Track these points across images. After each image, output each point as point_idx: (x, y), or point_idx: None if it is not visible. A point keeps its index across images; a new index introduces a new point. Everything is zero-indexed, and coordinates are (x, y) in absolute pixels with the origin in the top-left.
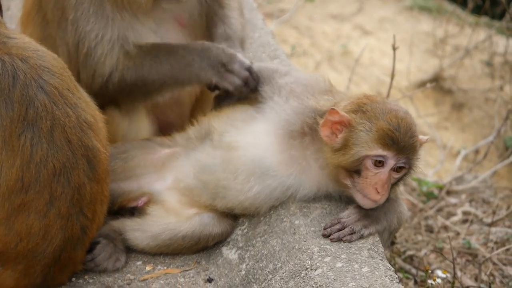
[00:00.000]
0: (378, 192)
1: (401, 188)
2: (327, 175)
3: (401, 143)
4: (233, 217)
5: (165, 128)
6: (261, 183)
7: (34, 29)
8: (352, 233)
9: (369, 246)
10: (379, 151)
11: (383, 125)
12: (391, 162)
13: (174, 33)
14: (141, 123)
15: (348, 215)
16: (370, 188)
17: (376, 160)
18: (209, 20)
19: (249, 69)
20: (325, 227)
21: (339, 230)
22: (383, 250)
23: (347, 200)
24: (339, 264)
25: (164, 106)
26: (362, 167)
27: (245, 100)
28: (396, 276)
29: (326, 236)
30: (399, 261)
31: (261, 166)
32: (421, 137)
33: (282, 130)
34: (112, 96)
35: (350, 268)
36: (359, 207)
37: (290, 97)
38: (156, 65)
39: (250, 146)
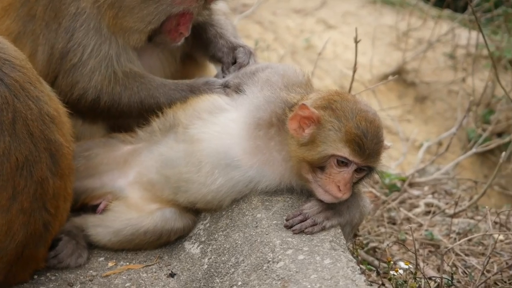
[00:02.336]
0: (340, 190)
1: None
2: (290, 168)
3: (367, 151)
4: (195, 212)
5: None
6: (225, 176)
7: (14, 22)
8: (314, 225)
9: (331, 238)
10: (346, 154)
11: (352, 128)
12: (354, 166)
13: (156, 58)
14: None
15: (310, 207)
16: (333, 185)
17: (341, 161)
18: (198, 30)
19: (225, 85)
20: (287, 219)
21: (301, 221)
22: (345, 242)
23: (309, 194)
24: (301, 257)
25: None
26: (326, 164)
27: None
28: (358, 267)
29: (288, 227)
30: (362, 253)
31: (226, 157)
32: (385, 143)
33: (251, 118)
34: (81, 110)
35: (312, 260)
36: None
37: (264, 86)
38: (134, 95)
39: (215, 138)
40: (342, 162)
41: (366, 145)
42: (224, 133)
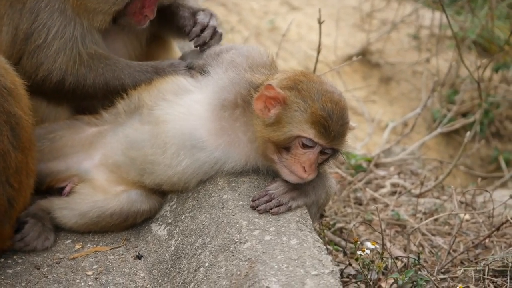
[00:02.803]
0: (306, 171)
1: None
2: (255, 149)
3: (332, 133)
4: (161, 193)
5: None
6: (190, 157)
7: None
8: (279, 205)
9: (297, 219)
10: (311, 136)
11: (317, 109)
12: (319, 147)
13: (120, 40)
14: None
15: (276, 187)
16: (298, 165)
17: (305, 143)
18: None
19: (190, 67)
20: (253, 199)
21: (267, 202)
22: (311, 223)
23: (275, 174)
24: (267, 237)
25: None
26: (292, 145)
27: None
28: (325, 247)
29: (253, 208)
30: (328, 233)
31: (192, 138)
32: (351, 124)
33: (216, 99)
34: (46, 92)
35: (278, 241)
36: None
37: (229, 67)
38: (99, 77)
39: (180, 119)
40: (308, 144)
41: (331, 127)
42: (189, 114)
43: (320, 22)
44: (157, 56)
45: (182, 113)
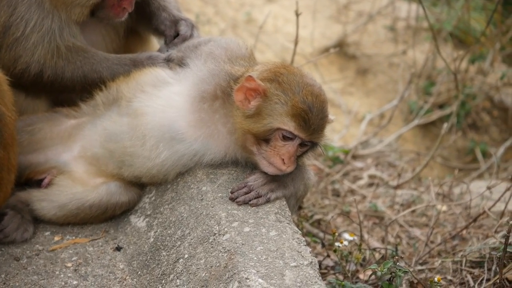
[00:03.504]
0: (285, 163)
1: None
2: (234, 140)
3: (312, 126)
4: (140, 185)
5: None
6: (169, 149)
7: None
8: (258, 197)
9: (276, 210)
10: (291, 129)
11: (298, 102)
12: (299, 140)
13: (98, 33)
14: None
15: (254, 179)
16: (277, 157)
17: (286, 135)
18: (141, 4)
19: (168, 59)
20: (232, 191)
21: (246, 193)
22: (290, 214)
23: (254, 166)
24: (246, 229)
25: None
26: (271, 137)
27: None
28: (303, 239)
29: (232, 199)
30: (306, 225)
31: (171, 130)
32: (329, 116)
33: (195, 91)
34: (24, 84)
35: (258, 233)
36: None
37: (208, 59)
38: (77, 70)
39: (159, 111)
40: (288, 136)
41: (311, 120)
42: (168, 106)
43: (297, 14)
44: (135, 49)
45: (161, 105)
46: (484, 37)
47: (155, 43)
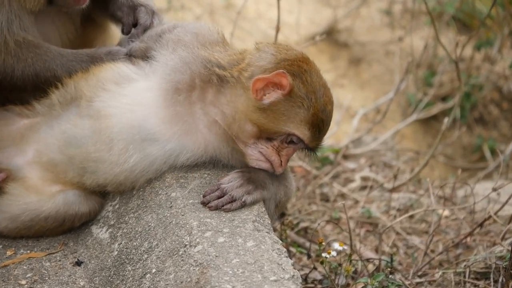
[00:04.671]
0: (281, 164)
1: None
2: (214, 135)
3: (322, 136)
4: (101, 193)
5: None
6: (140, 152)
7: None
8: (232, 201)
9: (254, 218)
10: (304, 138)
11: (319, 111)
12: (302, 145)
13: (51, 23)
14: None
15: (229, 180)
16: (276, 157)
17: (293, 140)
18: None
19: (130, 53)
20: (204, 195)
21: (219, 197)
22: (269, 222)
23: (232, 167)
24: (221, 239)
25: None
26: (277, 137)
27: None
28: (285, 250)
29: (204, 204)
30: (291, 234)
31: (141, 130)
32: None
33: (167, 83)
34: None
35: (233, 243)
36: (242, 172)
37: (177, 47)
38: (28, 68)
39: (127, 111)
40: (294, 140)
41: (323, 131)
42: (136, 104)
43: None
44: (94, 39)
45: (128, 104)
46: (491, 20)
47: (116, 31)
